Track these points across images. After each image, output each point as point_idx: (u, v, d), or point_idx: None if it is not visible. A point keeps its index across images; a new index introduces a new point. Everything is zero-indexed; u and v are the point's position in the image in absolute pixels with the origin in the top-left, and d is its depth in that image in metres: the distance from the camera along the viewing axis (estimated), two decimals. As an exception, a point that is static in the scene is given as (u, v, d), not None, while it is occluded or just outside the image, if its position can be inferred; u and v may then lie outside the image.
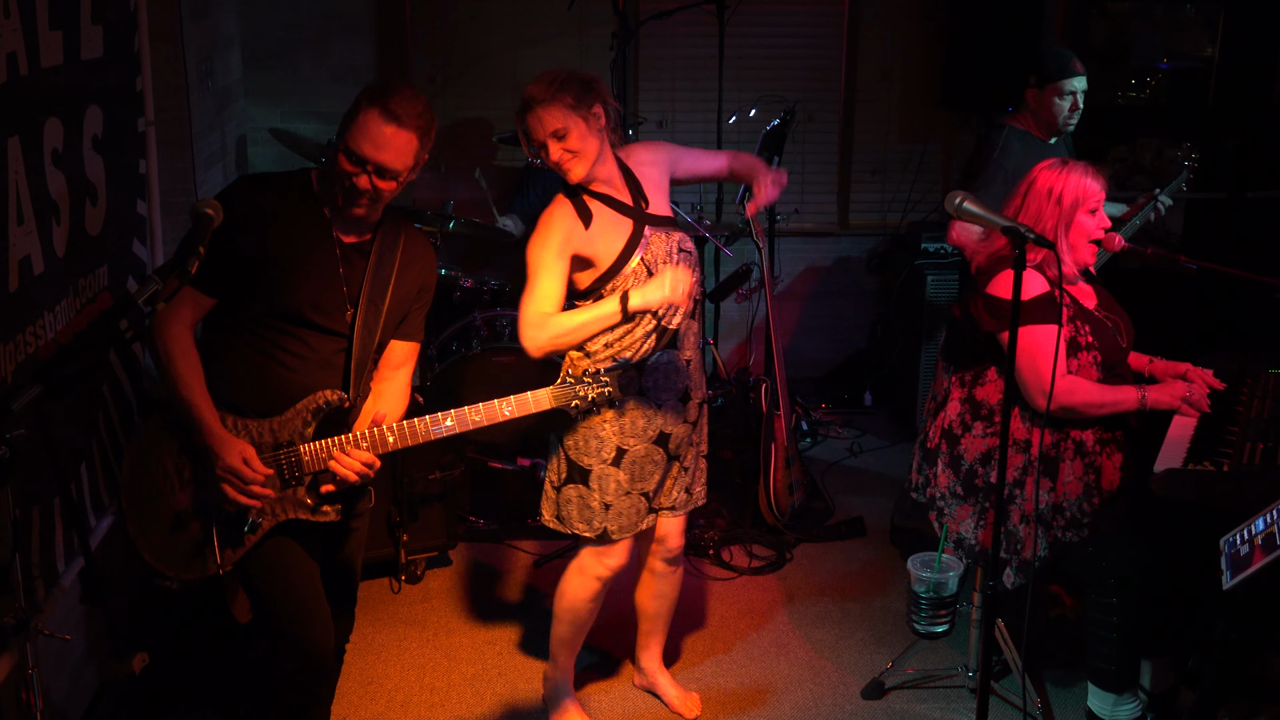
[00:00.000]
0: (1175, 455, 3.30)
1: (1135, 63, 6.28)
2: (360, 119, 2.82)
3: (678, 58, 6.26)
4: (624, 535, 3.51)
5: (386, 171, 2.85)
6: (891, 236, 6.57)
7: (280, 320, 2.91)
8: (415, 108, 2.85)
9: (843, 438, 6.09)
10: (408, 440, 2.95)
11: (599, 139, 3.27)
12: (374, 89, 2.85)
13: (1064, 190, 3.41)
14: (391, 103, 2.81)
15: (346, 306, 2.97)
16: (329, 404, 2.95)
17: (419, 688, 3.98)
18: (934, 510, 3.65)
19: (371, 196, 2.88)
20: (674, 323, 3.43)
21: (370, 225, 3.02)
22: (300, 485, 2.95)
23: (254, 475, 2.86)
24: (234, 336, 2.94)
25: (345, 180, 2.86)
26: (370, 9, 6.14)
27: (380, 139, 2.81)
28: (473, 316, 5.02)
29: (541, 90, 3.20)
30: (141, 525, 2.94)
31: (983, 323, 3.44)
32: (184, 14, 4.67)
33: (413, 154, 2.87)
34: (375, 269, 3.00)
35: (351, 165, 2.84)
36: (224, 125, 5.56)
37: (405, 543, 4.55)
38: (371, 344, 3.01)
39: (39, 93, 2.99)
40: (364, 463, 2.93)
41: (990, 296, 3.44)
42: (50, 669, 3.32)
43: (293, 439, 2.93)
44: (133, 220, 3.76)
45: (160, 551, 2.94)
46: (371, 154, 2.81)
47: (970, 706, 3.83)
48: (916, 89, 6.51)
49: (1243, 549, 2.75)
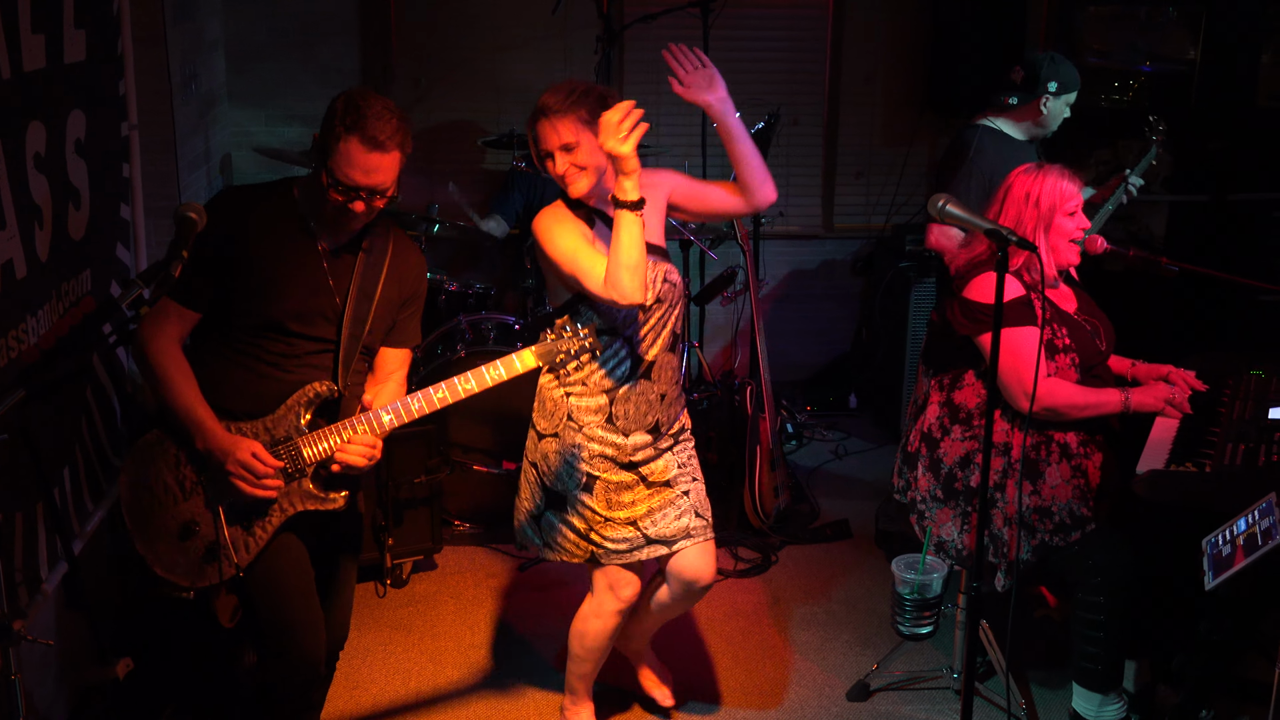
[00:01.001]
0: (1158, 456, 3.31)
1: (1118, 65, 6.30)
2: (342, 150, 2.79)
3: (662, 61, 6.24)
4: (614, 560, 3.41)
5: (380, 192, 2.86)
6: (876, 239, 6.59)
7: (266, 328, 2.92)
8: (393, 125, 2.82)
9: (828, 440, 6.10)
10: (403, 417, 2.95)
11: (603, 160, 3.16)
12: (346, 112, 2.80)
13: (1041, 194, 3.43)
14: (370, 129, 2.78)
15: (333, 309, 2.98)
16: (319, 395, 2.96)
17: (404, 692, 3.98)
18: (915, 514, 3.66)
19: (367, 214, 2.90)
20: (650, 354, 3.33)
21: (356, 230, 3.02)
22: (304, 477, 2.97)
23: (265, 468, 2.88)
24: (221, 344, 2.96)
25: (335, 205, 2.86)
26: (354, 12, 6.13)
27: (368, 166, 2.80)
28: (458, 320, 5.02)
29: (557, 100, 3.15)
30: (149, 541, 2.95)
31: (959, 326, 3.46)
32: (168, 17, 4.66)
33: (399, 166, 2.88)
34: (363, 270, 3.01)
35: (343, 195, 2.84)
36: (208, 129, 5.54)
37: (390, 546, 4.55)
38: (359, 342, 3.02)
39: (21, 96, 2.98)
40: (367, 445, 2.94)
41: (966, 300, 3.45)
42: (34, 675, 3.31)
43: (289, 434, 2.95)
44: (116, 224, 3.75)
45: (171, 564, 2.95)
46: (363, 181, 2.82)
47: (955, 708, 3.84)
48: (900, 92, 6.53)
49: (1225, 549, 2.77)
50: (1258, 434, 3.34)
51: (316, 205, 2.92)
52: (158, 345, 2.89)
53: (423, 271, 3.17)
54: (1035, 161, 3.55)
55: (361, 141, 2.78)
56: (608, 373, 3.31)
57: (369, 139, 2.78)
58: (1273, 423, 3.39)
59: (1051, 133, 4.66)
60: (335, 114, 2.82)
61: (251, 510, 2.95)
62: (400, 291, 3.09)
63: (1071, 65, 4.57)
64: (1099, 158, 6.22)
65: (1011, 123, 4.63)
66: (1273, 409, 3.46)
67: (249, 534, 2.95)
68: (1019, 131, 4.63)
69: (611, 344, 3.28)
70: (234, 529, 2.94)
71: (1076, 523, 3.47)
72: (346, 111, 2.81)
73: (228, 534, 2.93)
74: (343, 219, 2.90)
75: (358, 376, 3.08)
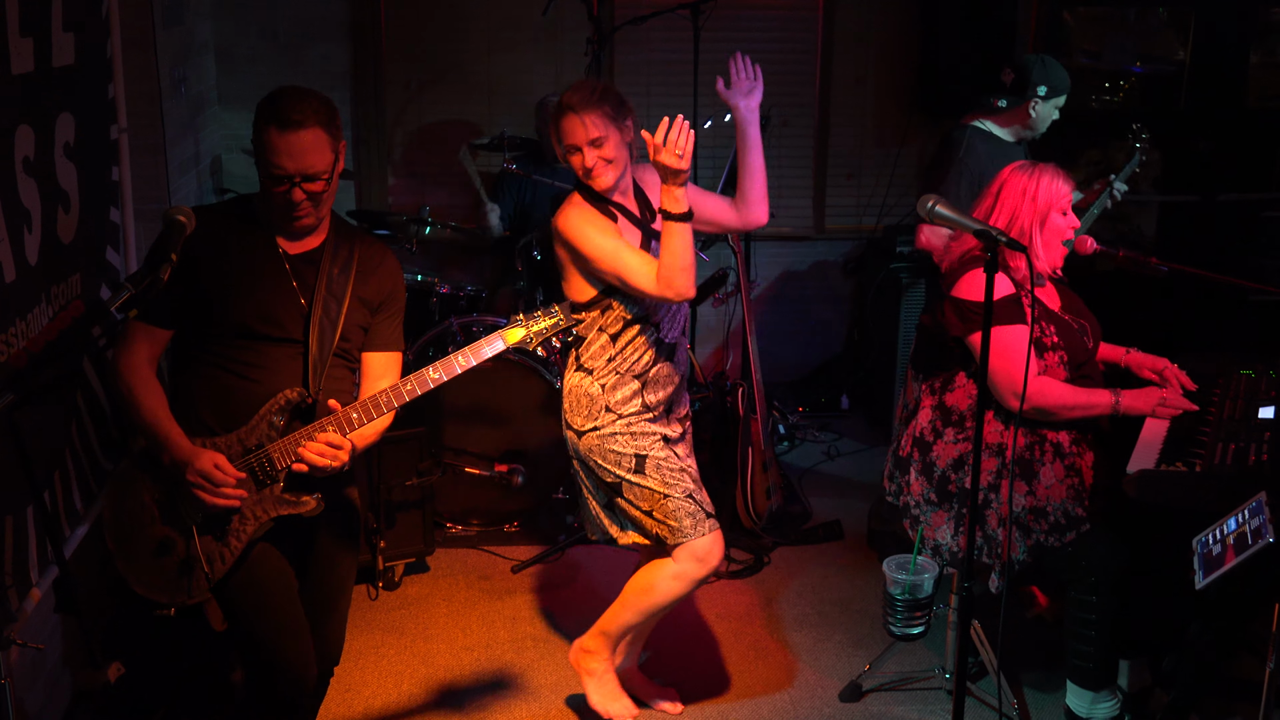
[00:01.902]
0: (1148, 456, 3.32)
1: (1107, 66, 6.32)
2: (265, 141, 2.83)
3: (653, 63, 6.27)
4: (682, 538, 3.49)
5: (311, 175, 2.86)
6: (867, 240, 6.60)
7: (233, 334, 2.93)
8: (308, 104, 2.84)
9: (819, 441, 6.11)
10: (371, 413, 2.94)
11: (627, 152, 3.41)
12: (264, 107, 2.85)
13: (1038, 192, 3.44)
14: (283, 111, 2.82)
15: (299, 310, 2.97)
16: (290, 401, 2.94)
17: (396, 694, 3.98)
18: (908, 518, 3.66)
19: (310, 204, 2.90)
20: (670, 335, 3.52)
21: (317, 233, 3.03)
22: (276, 483, 2.95)
23: (225, 478, 2.86)
24: (194, 359, 2.97)
25: (279, 200, 2.88)
26: (345, 15, 6.13)
27: (290, 148, 2.82)
28: (449, 322, 5.01)
29: (581, 98, 3.32)
30: (129, 560, 2.95)
31: (951, 327, 3.46)
32: (157, 20, 4.66)
33: (327, 146, 2.87)
34: (329, 273, 3.00)
35: (278, 185, 2.86)
36: (198, 132, 5.54)
37: (383, 549, 4.54)
38: (330, 346, 2.99)
39: (10, 100, 2.97)
40: (328, 443, 2.89)
41: (956, 299, 3.46)
42: (25, 679, 3.30)
43: (261, 441, 2.93)
44: (106, 228, 3.74)
45: (150, 581, 2.94)
46: (290, 165, 2.83)
47: (947, 708, 3.85)
48: (891, 93, 6.54)
49: (1215, 549, 2.77)
50: (1248, 434, 3.35)
51: (270, 209, 2.94)
52: (126, 365, 2.93)
53: (398, 273, 3.15)
54: (1027, 160, 3.56)
55: (279, 125, 2.81)
56: (638, 357, 3.48)
57: (282, 120, 2.81)
58: (1262, 422, 3.40)
59: (1040, 135, 4.67)
60: (258, 113, 2.87)
61: (223, 522, 2.92)
62: (373, 293, 3.08)
63: (1062, 68, 4.57)
64: (1089, 158, 6.24)
65: (1000, 124, 4.64)
66: (1262, 409, 3.47)
67: (223, 545, 2.93)
68: (1007, 133, 4.64)
69: (645, 330, 3.48)
70: (207, 541, 2.92)
71: (1071, 523, 3.47)
72: (264, 107, 2.86)
73: (200, 547, 2.92)
74: (290, 214, 2.90)
75: (335, 384, 3.04)
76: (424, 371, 2.95)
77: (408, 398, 2.95)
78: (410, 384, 2.95)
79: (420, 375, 2.95)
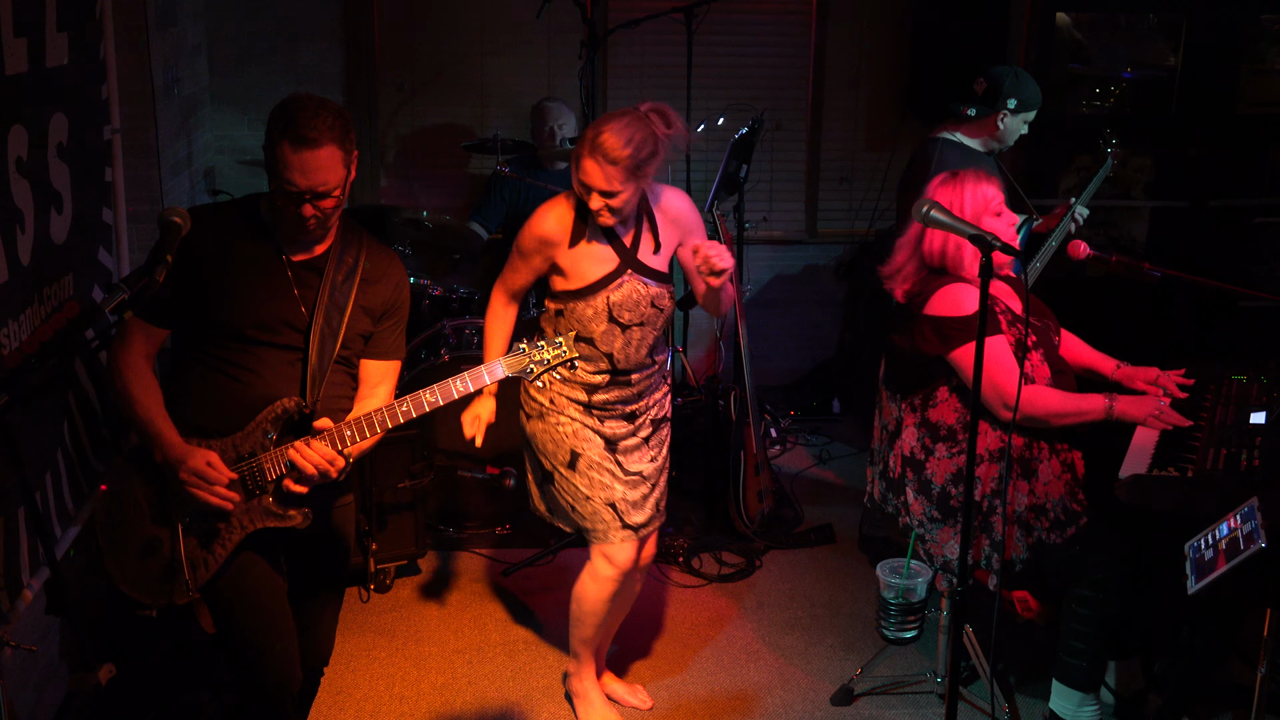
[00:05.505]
0: (1140, 461, 3.33)
1: (1098, 72, 6.34)
2: (278, 155, 2.78)
3: (646, 66, 6.27)
4: (599, 540, 3.60)
5: (323, 192, 2.82)
6: (859, 244, 6.60)
7: (230, 338, 2.90)
8: (324, 120, 2.80)
9: (811, 445, 6.11)
10: (365, 432, 2.90)
11: (639, 196, 3.41)
12: (278, 118, 2.80)
13: (965, 202, 3.45)
14: (299, 128, 2.77)
15: (299, 318, 2.93)
16: (287, 410, 2.91)
17: (388, 697, 3.97)
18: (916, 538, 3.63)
19: (319, 219, 2.87)
20: (627, 364, 3.55)
21: (323, 240, 2.99)
22: (265, 494, 2.93)
23: (218, 476, 2.84)
24: (191, 360, 2.94)
25: (288, 214, 2.84)
26: (338, 17, 6.12)
27: (304, 166, 2.77)
28: (441, 325, 5.01)
29: (615, 147, 3.26)
30: (117, 559, 2.94)
31: (928, 346, 3.45)
32: (150, 22, 4.65)
33: (340, 162, 2.83)
34: (332, 281, 2.97)
35: (289, 200, 2.82)
36: (190, 133, 5.53)
37: (374, 551, 4.54)
38: (330, 356, 2.96)
39: (2, 100, 2.97)
40: (322, 456, 2.85)
41: (933, 318, 3.45)
42: (17, 680, 3.29)
43: (254, 450, 2.91)
44: (99, 228, 3.74)
45: (135, 581, 2.93)
46: (303, 183, 2.79)
47: (939, 712, 3.85)
48: (883, 97, 6.55)
49: (1207, 554, 2.78)
50: (1239, 439, 3.36)
51: (277, 217, 2.91)
52: (123, 361, 2.90)
53: (404, 284, 3.11)
54: (949, 171, 3.55)
55: (292, 142, 2.76)
56: (585, 380, 3.54)
57: (298, 138, 2.76)
58: (1254, 427, 3.41)
59: (1008, 148, 4.67)
60: (271, 123, 2.82)
61: (211, 527, 2.91)
62: (377, 303, 3.04)
63: (1034, 83, 4.56)
64: (1079, 163, 6.25)
65: (969, 135, 4.63)
66: (1254, 414, 3.48)
67: (208, 551, 2.91)
68: (977, 143, 4.63)
69: (590, 355, 3.50)
70: (192, 546, 2.91)
71: (1070, 518, 3.47)
72: (278, 118, 2.81)
73: (184, 550, 2.90)
74: (299, 226, 2.87)
75: (335, 390, 3.02)
76: (420, 394, 2.91)
77: (402, 419, 2.92)
78: (406, 405, 2.91)
79: (416, 398, 2.90)
